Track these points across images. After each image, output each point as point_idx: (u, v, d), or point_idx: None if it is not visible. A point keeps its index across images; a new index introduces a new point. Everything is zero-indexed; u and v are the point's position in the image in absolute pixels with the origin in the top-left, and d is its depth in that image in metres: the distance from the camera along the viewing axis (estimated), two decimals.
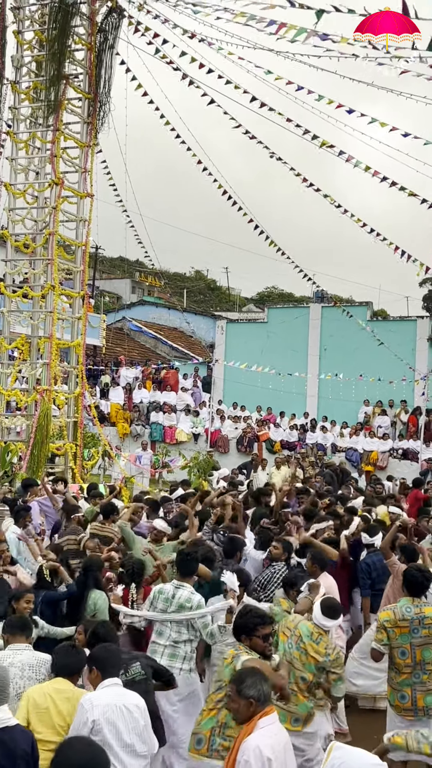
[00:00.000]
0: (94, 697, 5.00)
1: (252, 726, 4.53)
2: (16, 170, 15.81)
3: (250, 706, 4.54)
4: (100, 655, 5.32)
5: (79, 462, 15.72)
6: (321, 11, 11.71)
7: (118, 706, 4.98)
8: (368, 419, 26.39)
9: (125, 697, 5.11)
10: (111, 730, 4.90)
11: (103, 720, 4.89)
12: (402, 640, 6.68)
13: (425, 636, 6.68)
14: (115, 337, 36.52)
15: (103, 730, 4.86)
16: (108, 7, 15.78)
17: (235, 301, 65.15)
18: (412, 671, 6.67)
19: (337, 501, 12.84)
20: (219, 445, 25.06)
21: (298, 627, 6.59)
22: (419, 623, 6.68)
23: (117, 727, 4.93)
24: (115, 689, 5.12)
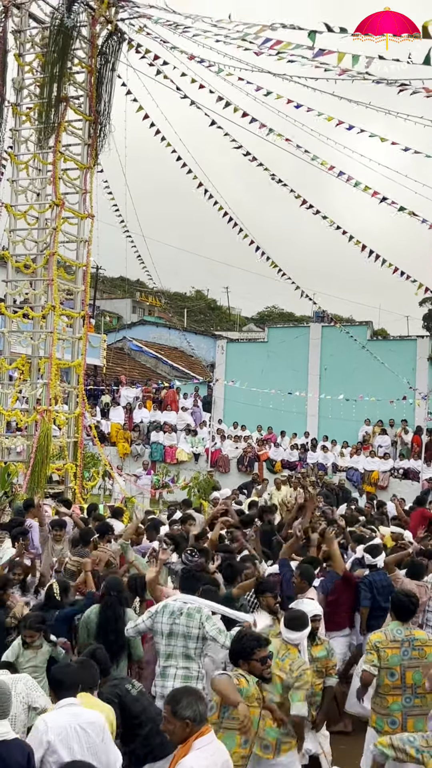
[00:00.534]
0: (48, 718, 5.11)
1: (188, 747, 4.47)
2: (16, 191, 15.89)
3: (186, 727, 4.49)
4: (56, 675, 5.44)
5: (80, 482, 15.68)
6: (313, 32, 11.77)
7: (73, 727, 5.07)
8: (368, 439, 26.34)
9: (81, 716, 5.18)
10: (65, 750, 4.99)
11: (58, 741, 4.98)
12: (392, 661, 6.64)
13: (414, 658, 6.66)
14: (116, 357, 36.55)
15: (58, 750, 4.95)
16: (108, 30, 15.92)
17: (236, 320, 65.30)
18: (402, 694, 6.61)
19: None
20: (219, 465, 25.01)
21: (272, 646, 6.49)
22: (409, 645, 6.69)
23: (71, 747, 5.01)
24: (71, 709, 5.19)
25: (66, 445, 15.59)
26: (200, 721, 4.53)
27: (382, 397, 25.72)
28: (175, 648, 6.93)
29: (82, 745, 5.05)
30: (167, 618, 6.96)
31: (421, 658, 6.66)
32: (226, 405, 29.88)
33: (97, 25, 15.87)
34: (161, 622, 6.98)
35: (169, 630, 6.94)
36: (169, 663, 6.91)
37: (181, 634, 6.92)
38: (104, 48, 16.02)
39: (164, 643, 6.94)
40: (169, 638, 6.93)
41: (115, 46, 16.09)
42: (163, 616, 6.98)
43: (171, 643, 6.93)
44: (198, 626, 6.90)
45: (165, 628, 6.94)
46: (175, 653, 6.93)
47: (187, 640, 6.92)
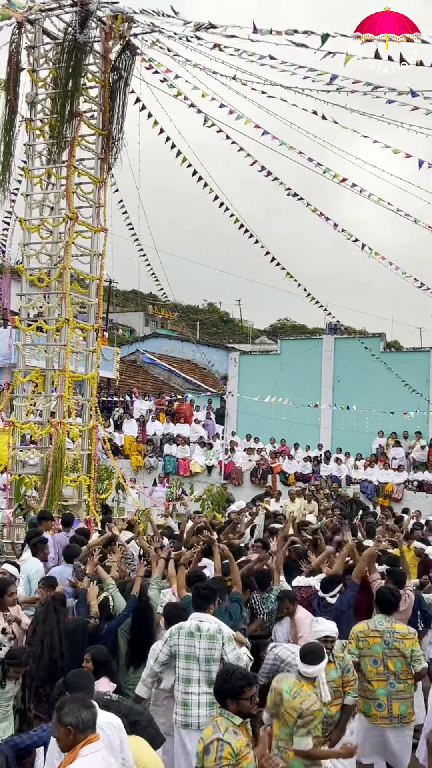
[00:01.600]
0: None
1: (74, 755, 4.49)
2: (30, 206, 15.97)
3: (69, 734, 4.52)
4: (74, 680, 5.48)
5: (93, 495, 15.68)
6: (326, 35, 11.78)
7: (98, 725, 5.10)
8: (382, 451, 26.25)
9: (101, 717, 5.17)
10: None
11: None
12: (374, 649, 7.30)
13: (394, 648, 7.21)
14: (129, 370, 36.63)
15: None
16: (121, 45, 16.01)
17: (248, 333, 65.32)
18: (387, 680, 7.18)
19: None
20: (233, 477, 24.97)
21: (280, 682, 6.39)
22: (390, 636, 7.28)
23: None
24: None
25: (80, 457, 15.61)
26: (84, 728, 4.55)
27: (395, 408, 25.64)
28: (193, 672, 6.71)
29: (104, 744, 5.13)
30: (184, 640, 6.78)
31: (400, 650, 7.21)
32: (239, 417, 29.88)
33: (110, 40, 15.96)
34: (177, 644, 6.80)
35: (186, 653, 6.75)
36: (189, 689, 6.68)
37: (203, 658, 6.72)
38: (117, 63, 16.11)
39: (183, 666, 6.74)
40: (187, 661, 6.73)
41: (128, 60, 16.18)
42: (179, 638, 6.81)
43: (190, 667, 6.72)
44: (220, 647, 6.74)
45: (182, 650, 6.76)
46: (195, 678, 6.70)
47: (210, 663, 6.70)
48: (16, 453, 15.35)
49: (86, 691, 5.34)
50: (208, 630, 6.81)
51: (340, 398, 28.21)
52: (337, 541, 12.46)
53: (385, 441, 26.58)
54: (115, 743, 5.21)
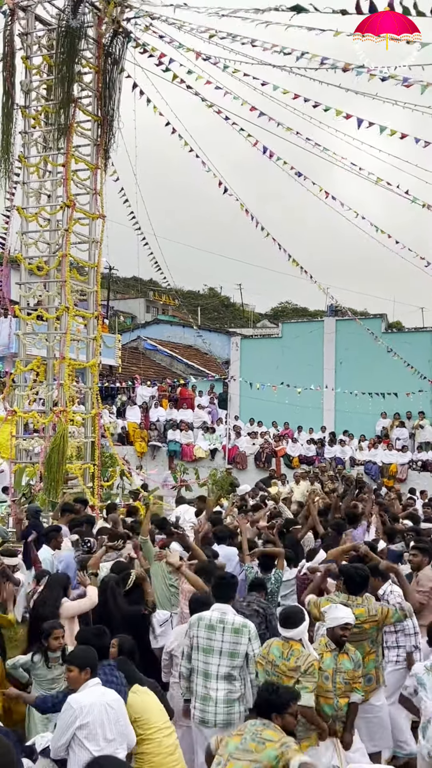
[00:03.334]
0: (79, 698, 5.52)
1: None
2: (27, 194, 15.92)
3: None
4: (83, 654, 5.77)
5: (98, 482, 15.72)
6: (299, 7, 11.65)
7: (102, 704, 5.49)
8: (386, 432, 26.26)
9: (106, 695, 5.60)
10: (97, 725, 5.41)
11: (90, 719, 5.40)
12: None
13: (356, 633, 6.86)
14: (131, 357, 36.64)
15: (90, 726, 5.39)
16: (114, 30, 15.90)
17: (249, 317, 65.26)
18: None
19: None
20: (237, 462, 25.02)
21: (270, 651, 6.36)
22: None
23: (102, 722, 5.43)
24: (97, 689, 5.61)
25: (83, 445, 15.64)
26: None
27: (398, 389, 25.63)
28: (212, 667, 6.49)
29: (110, 721, 5.47)
30: (204, 632, 6.55)
31: (360, 634, 6.92)
32: (242, 401, 29.90)
33: (103, 25, 15.85)
34: (196, 635, 6.58)
35: (205, 645, 6.53)
36: (209, 684, 6.47)
37: (227, 652, 6.49)
38: (111, 48, 16.01)
39: (201, 660, 6.53)
40: (207, 655, 6.51)
41: (122, 45, 16.08)
42: (198, 629, 6.58)
43: (209, 661, 6.50)
44: (246, 642, 6.52)
45: (202, 643, 6.54)
46: (214, 673, 6.49)
47: (232, 658, 6.48)
48: (19, 442, 15.37)
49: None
50: (233, 623, 6.59)
51: (343, 380, 28.20)
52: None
53: (389, 422, 26.58)
54: (121, 723, 5.56)
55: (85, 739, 5.34)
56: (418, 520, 12.53)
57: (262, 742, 5.02)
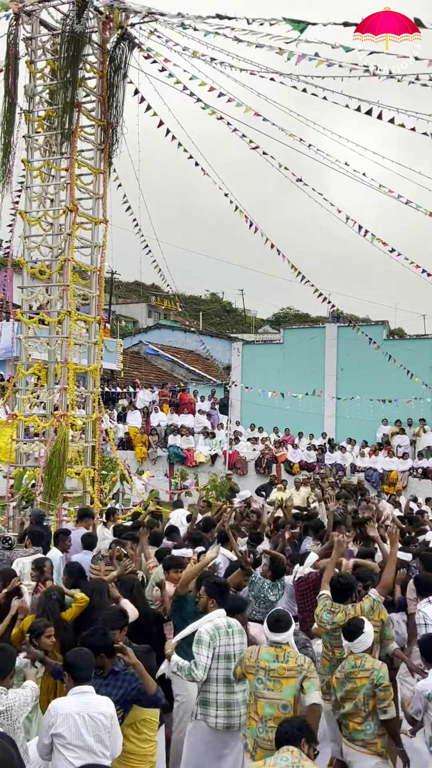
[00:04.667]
0: (59, 705, 5.52)
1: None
2: (31, 198, 15.94)
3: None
4: (71, 660, 5.68)
5: (98, 487, 15.71)
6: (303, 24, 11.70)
7: (81, 715, 5.42)
8: (387, 439, 26.24)
9: (90, 705, 5.49)
10: (73, 735, 5.38)
11: (63, 729, 5.38)
12: (324, 638, 7.36)
13: (337, 638, 7.04)
14: (132, 361, 36.65)
15: (64, 737, 5.37)
16: (118, 35, 15.94)
17: (251, 322, 65.30)
18: (329, 663, 7.20)
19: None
20: (237, 467, 25.00)
21: (259, 658, 6.26)
22: (332, 627, 7.19)
23: (80, 733, 5.39)
24: (82, 697, 5.52)
25: (83, 449, 15.63)
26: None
27: (399, 396, 25.62)
28: (231, 672, 6.56)
29: (89, 731, 5.40)
30: (223, 640, 6.62)
31: (341, 638, 6.90)
32: (242, 407, 29.88)
33: (108, 30, 15.89)
34: (218, 645, 6.59)
35: (225, 652, 6.60)
36: (231, 688, 6.56)
37: (238, 654, 6.62)
38: (115, 53, 16.04)
39: (223, 667, 6.57)
40: (227, 661, 6.59)
41: (126, 50, 16.11)
42: (219, 638, 6.60)
43: (229, 666, 6.57)
44: (246, 642, 6.79)
45: (222, 651, 6.59)
46: (233, 677, 6.58)
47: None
48: (20, 446, 15.37)
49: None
50: (236, 625, 6.81)
51: (344, 387, 28.19)
52: None
53: (390, 429, 26.57)
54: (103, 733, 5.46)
55: (61, 746, 5.38)
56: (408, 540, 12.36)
57: None
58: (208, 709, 6.58)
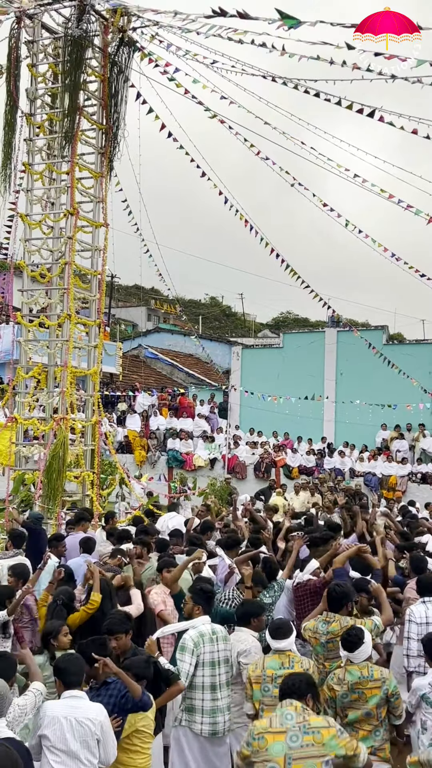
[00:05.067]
0: (48, 707, 5.49)
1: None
2: (31, 201, 15.94)
3: None
4: (62, 666, 5.67)
5: (97, 490, 15.69)
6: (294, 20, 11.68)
7: (68, 719, 5.37)
8: (386, 444, 26.24)
9: (79, 710, 5.44)
10: (57, 739, 5.33)
11: (49, 731, 5.34)
12: (318, 649, 7.14)
13: (330, 650, 6.98)
14: (132, 365, 36.64)
15: (49, 739, 5.34)
16: (120, 39, 15.95)
17: (251, 326, 65.31)
18: (318, 675, 6.83)
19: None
20: (236, 471, 24.98)
21: (265, 667, 6.33)
22: (326, 638, 7.05)
23: (64, 737, 5.34)
24: (72, 701, 5.48)
25: (83, 453, 15.61)
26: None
27: (399, 401, 25.62)
28: (216, 678, 6.62)
29: (75, 736, 5.34)
30: (208, 647, 6.64)
31: (335, 650, 6.83)
32: (242, 411, 29.90)
33: (109, 34, 15.91)
34: (203, 652, 6.62)
35: (211, 659, 6.63)
36: (216, 695, 6.57)
37: (223, 660, 6.69)
38: (116, 57, 16.06)
39: (209, 674, 6.60)
40: (212, 668, 6.62)
41: (128, 54, 16.13)
42: (204, 645, 6.63)
43: (215, 672, 6.62)
44: (231, 648, 6.84)
45: (207, 658, 6.62)
46: (218, 683, 6.63)
47: (227, 664, 6.74)
48: (19, 449, 15.36)
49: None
50: (221, 631, 6.84)
51: (343, 391, 28.20)
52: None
53: (389, 434, 26.56)
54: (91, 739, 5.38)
55: (46, 749, 5.35)
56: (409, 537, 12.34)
57: (317, 731, 4.89)
58: (194, 716, 6.58)
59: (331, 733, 4.90)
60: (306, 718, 4.90)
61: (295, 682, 5.11)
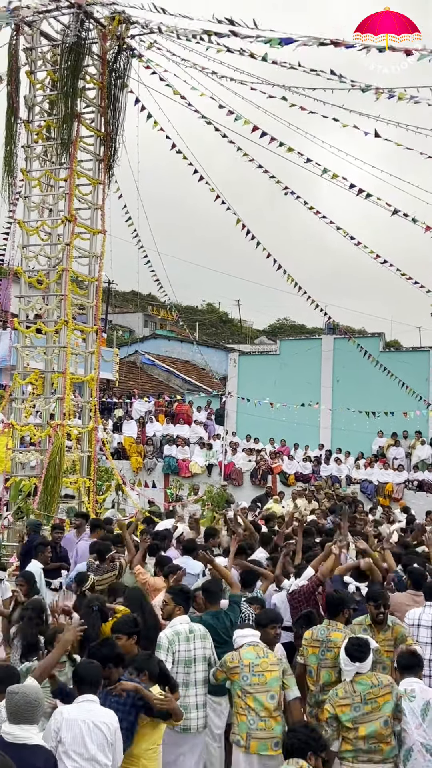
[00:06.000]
0: (64, 710, 5.52)
1: None
2: (29, 208, 15.97)
3: None
4: (82, 673, 5.69)
5: (93, 496, 15.67)
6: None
7: (86, 722, 5.38)
8: (382, 451, 26.23)
9: (93, 713, 5.47)
10: (74, 745, 5.33)
11: (68, 735, 5.34)
12: (311, 659, 7.04)
13: (328, 659, 6.94)
14: (128, 371, 36.62)
15: (67, 743, 5.33)
16: (118, 46, 16.00)
17: (247, 333, 65.32)
18: (320, 692, 6.88)
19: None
20: (233, 478, 24.93)
21: (242, 657, 6.61)
22: (325, 646, 6.99)
23: (83, 742, 5.34)
24: (87, 705, 5.49)
25: (79, 459, 15.60)
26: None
27: (395, 408, 25.60)
28: (190, 676, 6.77)
29: (93, 740, 5.36)
30: (183, 645, 6.79)
31: (333, 660, 6.86)
32: (238, 418, 29.86)
33: (108, 41, 15.96)
34: (178, 650, 6.77)
35: (186, 657, 6.77)
36: (188, 693, 6.71)
37: (200, 658, 6.83)
38: (115, 64, 16.11)
39: (182, 671, 6.73)
40: (187, 666, 6.76)
41: (126, 61, 16.18)
42: (179, 644, 6.78)
43: (189, 671, 6.77)
44: (210, 647, 6.96)
45: (182, 656, 6.76)
46: (193, 681, 6.78)
47: (204, 663, 6.86)
48: (16, 455, 15.34)
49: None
50: (199, 630, 6.97)
51: (340, 398, 28.19)
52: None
53: (385, 441, 26.56)
54: (105, 742, 5.41)
55: (63, 754, 5.32)
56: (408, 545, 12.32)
57: None
58: None
59: None
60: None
61: (293, 743, 5.15)
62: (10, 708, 4.90)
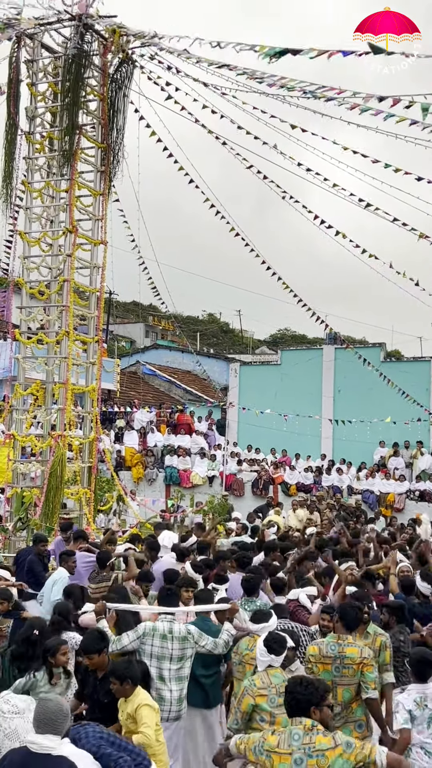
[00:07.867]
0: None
1: None
2: (30, 219, 16.01)
3: None
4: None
5: (90, 506, 15.63)
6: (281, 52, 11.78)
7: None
8: (384, 461, 26.20)
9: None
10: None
11: None
12: (324, 676, 6.60)
13: (345, 675, 6.65)
14: (130, 381, 36.63)
15: None
16: (120, 58, 16.07)
17: (248, 343, 65.38)
18: (342, 710, 6.63)
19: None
20: (234, 489, 24.91)
21: (239, 646, 7.26)
22: (340, 662, 6.67)
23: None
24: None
25: (80, 470, 15.59)
26: None
27: (397, 418, 25.60)
28: (164, 671, 7.10)
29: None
30: (158, 641, 7.13)
31: (352, 677, 6.63)
32: (240, 428, 29.85)
33: (109, 53, 16.02)
34: (151, 644, 7.13)
35: (159, 653, 7.11)
36: (163, 686, 7.08)
37: (176, 657, 7.16)
38: (116, 76, 16.17)
39: (155, 665, 7.09)
40: (159, 661, 7.10)
41: (127, 73, 16.23)
42: (153, 638, 7.13)
43: (162, 666, 7.10)
44: (192, 646, 7.24)
45: (155, 651, 7.12)
46: (167, 676, 7.10)
47: (182, 661, 7.17)
48: (17, 466, 15.33)
49: None
50: (179, 632, 7.23)
51: (341, 408, 28.17)
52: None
53: (387, 451, 26.53)
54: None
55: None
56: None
57: (321, 754, 4.73)
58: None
59: (337, 753, 4.72)
60: (312, 739, 4.77)
61: (291, 705, 4.99)
62: (40, 716, 4.79)
